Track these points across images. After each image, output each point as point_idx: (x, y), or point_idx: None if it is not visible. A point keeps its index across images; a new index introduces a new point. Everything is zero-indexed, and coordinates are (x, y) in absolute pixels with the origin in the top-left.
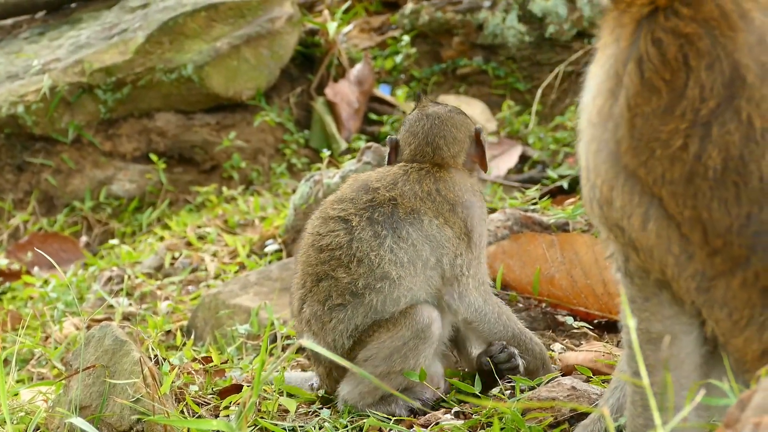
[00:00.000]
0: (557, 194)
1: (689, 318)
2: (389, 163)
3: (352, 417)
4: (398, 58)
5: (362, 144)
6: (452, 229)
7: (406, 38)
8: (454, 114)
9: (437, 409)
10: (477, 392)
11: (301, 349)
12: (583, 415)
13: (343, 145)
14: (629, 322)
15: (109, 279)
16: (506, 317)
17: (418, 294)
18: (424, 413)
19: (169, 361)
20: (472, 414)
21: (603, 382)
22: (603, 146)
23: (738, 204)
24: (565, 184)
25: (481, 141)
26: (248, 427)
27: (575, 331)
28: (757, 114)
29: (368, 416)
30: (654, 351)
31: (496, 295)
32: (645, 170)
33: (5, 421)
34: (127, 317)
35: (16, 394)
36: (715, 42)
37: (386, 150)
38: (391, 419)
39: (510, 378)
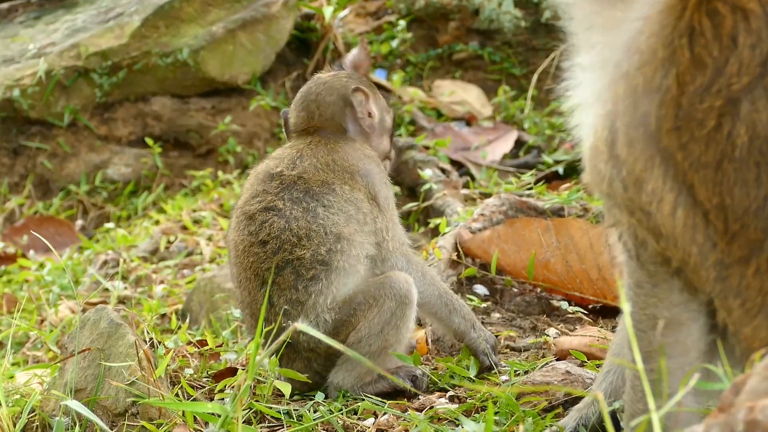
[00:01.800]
0: (553, 179)
1: (698, 305)
2: (287, 136)
3: (347, 401)
4: (394, 43)
5: None
6: (361, 193)
7: (402, 23)
8: (332, 78)
9: (432, 393)
10: (471, 376)
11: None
12: (578, 399)
13: None
14: (625, 306)
15: (105, 262)
16: (431, 277)
17: (370, 249)
18: (425, 388)
19: (164, 345)
20: (466, 398)
21: (597, 367)
22: (642, 121)
23: (757, 185)
24: (560, 169)
25: (353, 103)
26: (243, 410)
27: (570, 315)
28: None
29: (363, 399)
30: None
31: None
32: (683, 154)
33: (0, 404)
34: (122, 301)
35: (11, 377)
36: (766, 21)
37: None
38: (385, 403)
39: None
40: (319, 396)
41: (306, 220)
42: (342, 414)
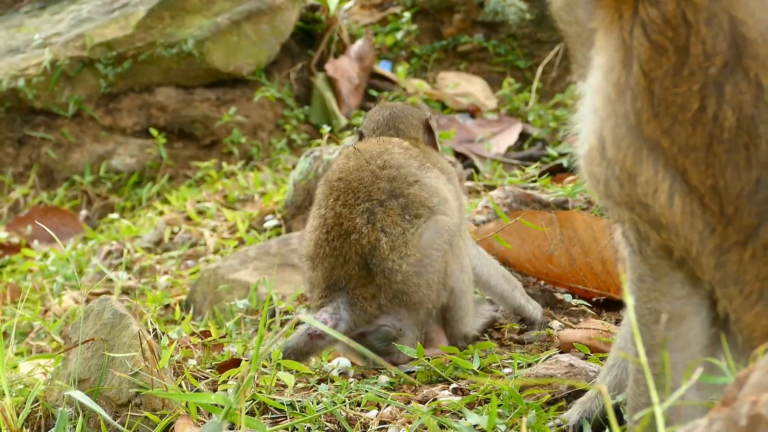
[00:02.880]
0: (557, 172)
1: (699, 299)
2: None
3: (350, 392)
4: (399, 35)
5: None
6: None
7: (407, 15)
8: (408, 105)
9: (435, 385)
10: (475, 369)
11: (299, 324)
12: (581, 393)
13: (343, 121)
14: (629, 300)
15: (109, 253)
16: (492, 260)
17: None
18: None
19: (167, 335)
20: (469, 390)
21: (601, 360)
22: (622, 120)
23: (748, 168)
24: (564, 161)
25: (431, 126)
26: (246, 401)
27: (573, 308)
28: (764, 74)
29: (366, 391)
30: (660, 331)
31: None
32: (669, 139)
33: (4, 394)
34: (126, 291)
35: (15, 367)
36: None
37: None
38: (389, 395)
39: None
40: (323, 388)
41: (413, 173)
42: (345, 405)
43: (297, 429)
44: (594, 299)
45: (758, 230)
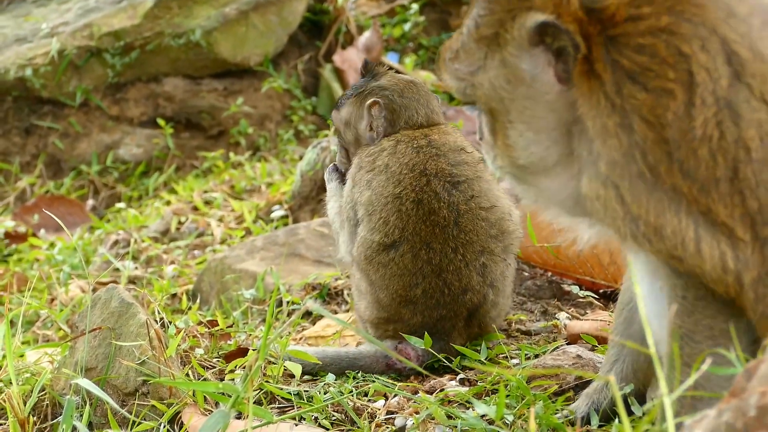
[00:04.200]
0: None
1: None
2: (385, 133)
3: (357, 382)
4: (407, 26)
5: None
6: None
7: (415, 6)
8: (413, 80)
9: (443, 375)
10: (483, 359)
11: (307, 314)
12: (588, 383)
13: None
14: (638, 290)
15: (116, 242)
16: None
17: None
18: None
19: (174, 325)
20: (477, 381)
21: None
22: (636, 178)
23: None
24: None
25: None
26: (254, 390)
27: (581, 300)
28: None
29: (373, 381)
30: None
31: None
32: (689, 181)
33: (11, 382)
34: (132, 281)
35: (21, 356)
36: (691, 22)
37: (377, 122)
38: (396, 385)
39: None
40: (330, 377)
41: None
42: (352, 395)
43: (304, 418)
44: (601, 291)
45: None
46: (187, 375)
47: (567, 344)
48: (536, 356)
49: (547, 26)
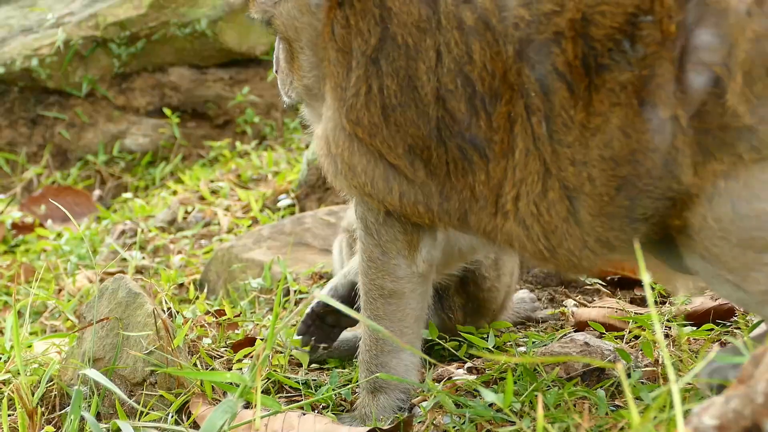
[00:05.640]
0: None
1: (417, 278)
2: None
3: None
4: None
5: None
6: None
7: None
8: None
9: (450, 364)
10: (490, 347)
11: None
12: (596, 371)
13: None
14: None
15: (122, 233)
16: None
17: None
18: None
19: (182, 314)
20: (485, 369)
21: (616, 339)
22: (336, 125)
23: (424, 115)
24: None
25: None
26: (261, 380)
27: (588, 287)
28: (407, 33)
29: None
30: (384, 305)
31: None
32: (360, 128)
33: (19, 373)
34: (140, 270)
35: (29, 346)
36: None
37: None
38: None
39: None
40: (334, 374)
41: None
42: (359, 385)
43: (312, 407)
44: (608, 278)
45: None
46: (195, 365)
47: (575, 331)
48: (544, 344)
49: None
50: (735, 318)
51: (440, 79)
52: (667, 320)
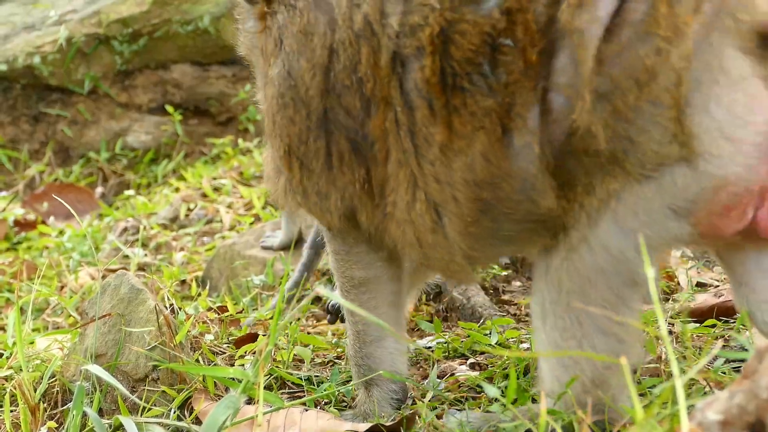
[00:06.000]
0: None
1: (381, 261)
2: None
3: None
4: None
5: None
6: None
7: None
8: None
9: (453, 360)
10: (493, 344)
11: (316, 299)
12: None
13: None
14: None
15: (125, 230)
16: None
17: None
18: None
19: (184, 311)
20: (487, 365)
21: None
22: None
23: (303, 118)
24: None
25: None
26: (264, 376)
27: None
28: (294, 41)
29: None
30: (357, 295)
31: None
32: (267, 134)
33: (21, 369)
34: (142, 267)
35: (32, 343)
36: None
37: None
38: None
39: None
40: (339, 364)
41: None
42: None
43: (315, 403)
44: None
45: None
46: (197, 361)
47: None
48: None
49: None
50: (738, 315)
51: (336, 75)
52: (671, 317)
